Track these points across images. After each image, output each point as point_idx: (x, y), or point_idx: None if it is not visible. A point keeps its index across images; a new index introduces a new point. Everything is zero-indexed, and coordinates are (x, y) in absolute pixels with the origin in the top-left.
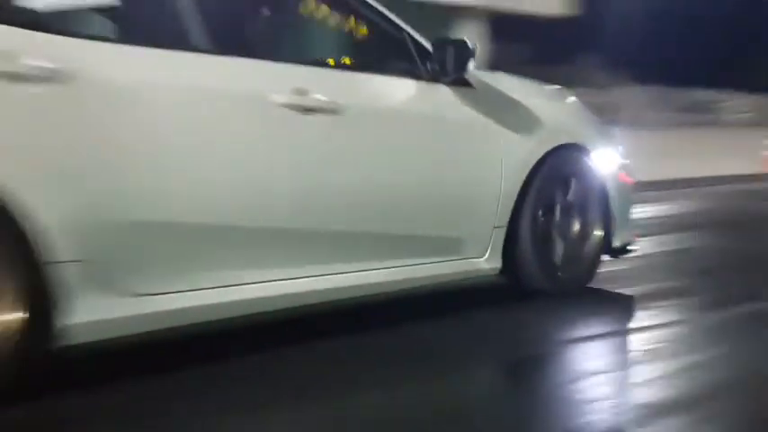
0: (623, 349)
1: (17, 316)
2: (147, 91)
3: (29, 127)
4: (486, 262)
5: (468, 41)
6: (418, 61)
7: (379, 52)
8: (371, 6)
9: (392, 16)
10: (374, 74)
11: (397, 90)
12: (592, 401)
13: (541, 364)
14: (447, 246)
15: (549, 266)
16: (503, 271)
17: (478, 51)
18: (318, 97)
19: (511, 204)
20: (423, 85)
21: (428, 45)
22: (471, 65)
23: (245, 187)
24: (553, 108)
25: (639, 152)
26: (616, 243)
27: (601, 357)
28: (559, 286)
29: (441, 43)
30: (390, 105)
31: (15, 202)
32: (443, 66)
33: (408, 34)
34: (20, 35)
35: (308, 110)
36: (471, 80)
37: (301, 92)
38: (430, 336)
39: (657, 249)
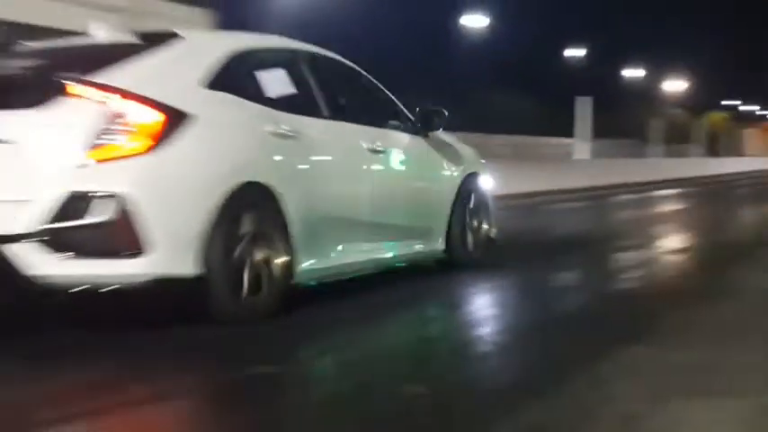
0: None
1: (286, 259)
2: (321, 141)
3: (285, 159)
4: (441, 245)
5: (444, 111)
6: (408, 122)
7: (391, 117)
8: (383, 90)
9: (390, 94)
10: (392, 130)
11: (403, 139)
12: None
13: None
14: (427, 233)
15: (465, 247)
16: (444, 251)
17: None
18: (378, 144)
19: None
20: (411, 136)
21: (407, 111)
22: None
23: (360, 195)
24: (464, 149)
25: None
26: (493, 234)
27: None
28: (472, 260)
29: (425, 111)
30: (402, 147)
31: (281, 199)
32: (424, 124)
33: (400, 106)
34: (275, 114)
35: (376, 151)
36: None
37: (373, 142)
38: None
39: None
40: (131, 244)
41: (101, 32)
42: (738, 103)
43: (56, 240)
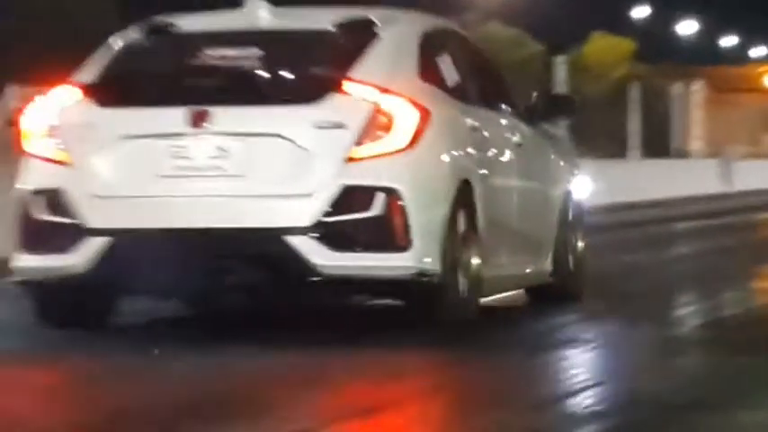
0: None
1: (480, 262)
2: (492, 134)
3: (477, 155)
4: (549, 265)
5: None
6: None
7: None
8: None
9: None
10: (517, 120)
11: (525, 131)
12: None
13: None
14: (537, 250)
15: (568, 270)
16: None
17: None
18: (517, 137)
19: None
20: (528, 126)
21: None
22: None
23: (511, 197)
24: (568, 146)
25: None
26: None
27: None
28: (577, 287)
29: (550, 97)
30: (528, 141)
31: (476, 199)
32: (545, 114)
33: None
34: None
35: (518, 145)
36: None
37: (513, 134)
38: None
39: None
40: (399, 238)
41: (262, 12)
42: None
43: (331, 233)
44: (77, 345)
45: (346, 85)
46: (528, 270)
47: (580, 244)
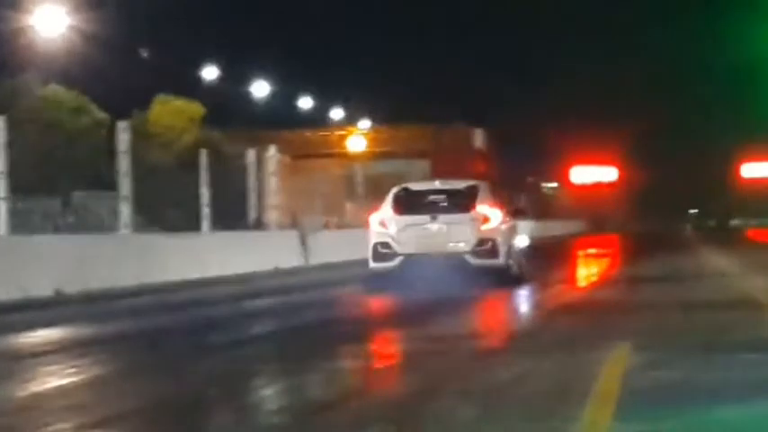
0: None
1: None
2: None
3: None
4: None
5: None
6: None
7: None
8: None
9: None
10: None
11: None
12: None
13: None
14: None
15: None
16: None
17: None
18: None
19: None
20: None
21: None
22: None
23: None
24: None
25: None
26: None
27: None
28: None
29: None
30: None
31: None
32: None
33: None
34: None
35: None
36: None
37: None
38: None
39: None
40: (496, 255)
41: (437, 182)
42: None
43: (476, 252)
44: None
45: (476, 207)
46: None
47: None
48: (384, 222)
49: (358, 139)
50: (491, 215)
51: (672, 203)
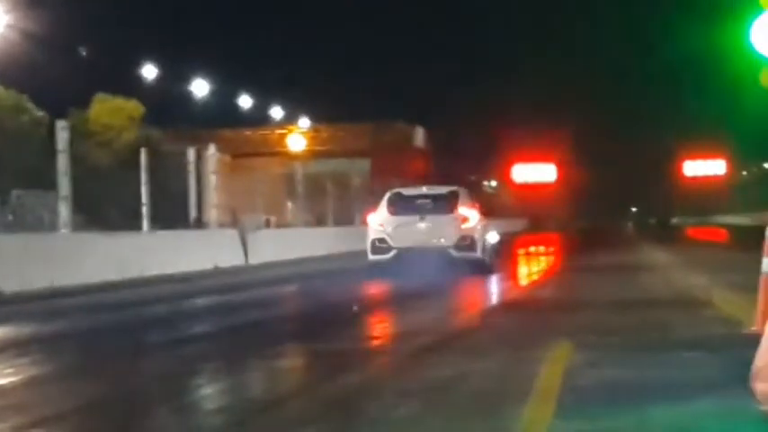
0: None
1: None
2: None
3: None
4: None
5: None
6: None
7: None
8: None
9: None
10: None
11: None
12: None
13: None
14: None
15: None
16: None
17: None
18: None
19: None
20: None
21: None
22: None
23: None
24: None
25: None
26: None
27: None
28: None
29: None
30: None
31: None
32: None
33: None
34: None
35: None
36: None
37: None
38: None
39: None
40: (474, 249)
41: (424, 188)
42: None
43: (458, 247)
44: None
45: (457, 209)
46: None
47: None
48: (380, 221)
49: (298, 138)
50: (469, 216)
51: (614, 201)
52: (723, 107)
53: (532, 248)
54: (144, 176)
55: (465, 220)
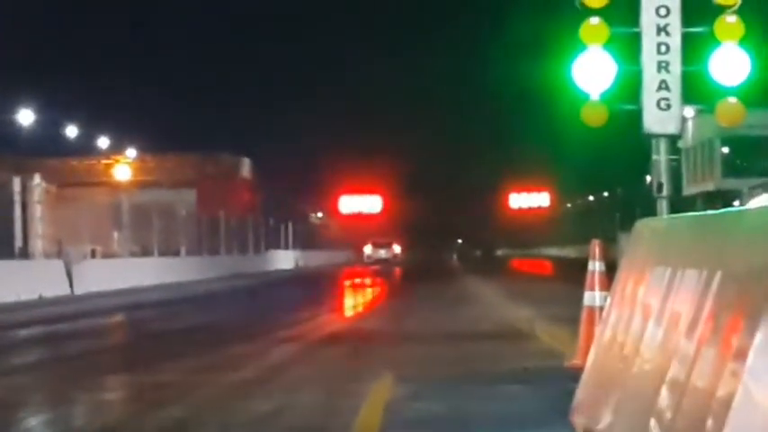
0: None
1: None
2: None
3: None
4: None
5: None
6: None
7: None
8: None
9: None
10: None
11: None
12: None
13: None
14: None
15: None
16: None
17: None
18: None
19: None
20: None
21: None
22: None
23: None
24: None
25: None
26: None
27: None
28: None
29: None
30: None
31: None
32: None
33: None
34: None
35: None
36: None
37: None
38: None
39: None
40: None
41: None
42: None
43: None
44: None
45: (392, 245)
46: None
47: None
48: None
49: (124, 168)
50: (396, 247)
51: (439, 233)
52: (548, 141)
53: (357, 280)
54: None
55: (395, 248)
